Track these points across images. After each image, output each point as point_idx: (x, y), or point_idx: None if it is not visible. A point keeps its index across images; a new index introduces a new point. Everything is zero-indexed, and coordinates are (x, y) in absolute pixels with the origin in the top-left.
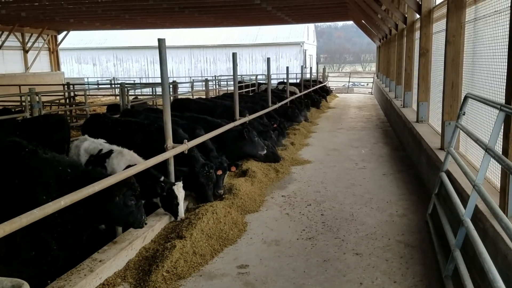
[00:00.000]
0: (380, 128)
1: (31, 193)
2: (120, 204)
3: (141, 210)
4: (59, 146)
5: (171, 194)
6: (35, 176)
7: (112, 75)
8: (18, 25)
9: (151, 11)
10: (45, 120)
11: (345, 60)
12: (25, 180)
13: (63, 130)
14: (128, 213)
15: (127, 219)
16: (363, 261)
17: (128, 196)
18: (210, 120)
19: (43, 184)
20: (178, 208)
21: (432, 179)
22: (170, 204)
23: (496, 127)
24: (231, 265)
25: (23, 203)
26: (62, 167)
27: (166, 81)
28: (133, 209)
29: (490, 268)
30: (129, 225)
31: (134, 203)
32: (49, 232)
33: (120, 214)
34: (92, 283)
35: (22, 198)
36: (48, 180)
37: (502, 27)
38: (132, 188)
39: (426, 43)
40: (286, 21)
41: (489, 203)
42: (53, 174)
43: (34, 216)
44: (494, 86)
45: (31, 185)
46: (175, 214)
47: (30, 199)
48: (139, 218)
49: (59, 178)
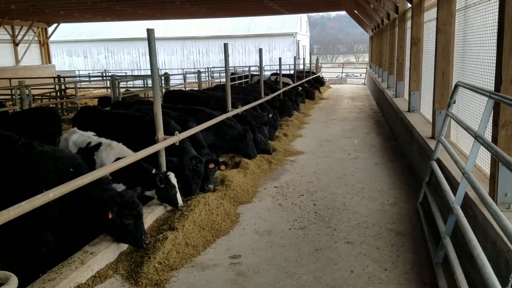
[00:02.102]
0: (372, 119)
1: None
2: (116, 222)
3: (140, 229)
4: (51, 138)
5: (169, 184)
6: (34, 169)
7: (104, 67)
8: (8, 18)
9: (141, 2)
10: (36, 113)
11: (339, 50)
12: (23, 173)
13: (54, 122)
14: (125, 232)
15: (125, 238)
16: (355, 250)
17: (125, 215)
18: (209, 113)
19: (42, 177)
20: (177, 196)
21: (423, 168)
22: (169, 194)
23: (486, 115)
24: (223, 256)
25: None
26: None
27: (156, 72)
28: (131, 228)
29: (479, 254)
30: (128, 243)
31: (132, 222)
32: (45, 225)
33: (117, 232)
34: (83, 275)
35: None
36: (48, 173)
37: (491, 15)
38: (129, 207)
39: (417, 32)
40: (279, 12)
41: (478, 190)
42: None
43: (22, 209)
44: (484, 74)
45: (30, 178)
46: (175, 203)
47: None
48: (138, 238)
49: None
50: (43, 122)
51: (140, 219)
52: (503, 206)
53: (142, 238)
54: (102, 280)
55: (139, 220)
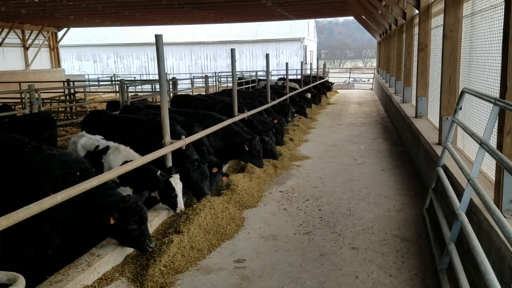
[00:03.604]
0: (379, 124)
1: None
2: (119, 227)
3: (145, 234)
4: (48, 143)
5: (169, 186)
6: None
7: (113, 72)
8: (18, 22)
9: (150, 7)
10: (31, 118)
11: (346, 56)
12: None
13: (51, 127)
14: (129, 237)
15: (130, 242)
16: (359, 255)
17: (128, 220)
18: (218, 118)
19: (50, 180)
20: (177, 199)
21: (430, 174)
22: (168, 196)
23: (491, 121)
24: (228, 260)
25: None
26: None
27: (163, 77)
28: (135, 233)
29: (483, 260)
30: (132, 247)
31: (136, 227)
32: (53, 227)
33: (121, 237)
34: (90, 277)
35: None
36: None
37: (498, 22)
38: (132, 212)
39: (424, 38)
40: (286, 17)
41: (483, 196)
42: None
43: (31, 211)
44: (490, 80)
45: (38, 181)
46: (174, 206)
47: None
48: (142, 242)
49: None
50: (39, 127)
51: (144, 224)
52: (508, 213)
53: (146, 242)
54: (108, 282)
55: (142, 224)
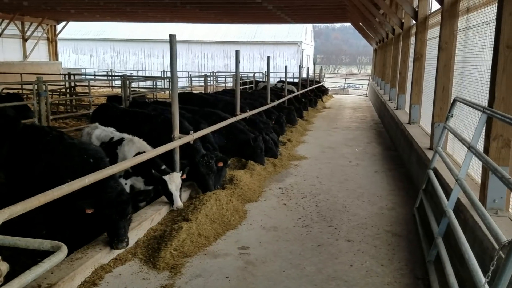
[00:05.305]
0: (373, 129)
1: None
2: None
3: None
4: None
5: (163, 184)
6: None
7: (109, 66)
8: (19, 13)
9: (152, 5)
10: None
11: (341, 61)
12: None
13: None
14: (108, 228)
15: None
16: (354, 247)
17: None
18: (223, 116)
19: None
20: (172, 196)
21: (421, 177)
22: (165, 193)
23: (479, 128)
24: (233, 247)
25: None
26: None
27: (175, 75)
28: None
29: (467, 249)
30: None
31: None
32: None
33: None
34: (106, 257)
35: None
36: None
37: (489, 37)
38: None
39: (420, 48)
40: (286, 21)
41: (469, 195)
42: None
43: (63, 191)
44: (480, 91)
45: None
46: (171, 202)
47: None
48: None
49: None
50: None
51: (121, 221)
52: (491, 211)
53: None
54: (122, 262)
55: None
